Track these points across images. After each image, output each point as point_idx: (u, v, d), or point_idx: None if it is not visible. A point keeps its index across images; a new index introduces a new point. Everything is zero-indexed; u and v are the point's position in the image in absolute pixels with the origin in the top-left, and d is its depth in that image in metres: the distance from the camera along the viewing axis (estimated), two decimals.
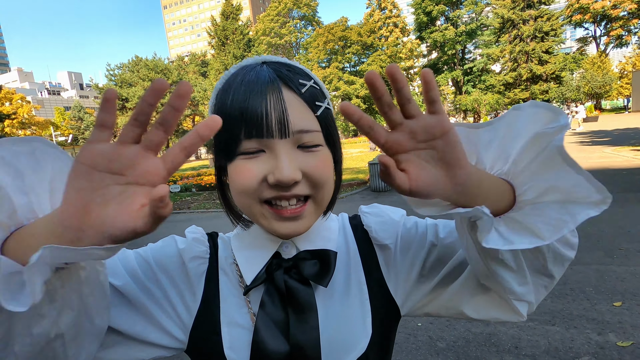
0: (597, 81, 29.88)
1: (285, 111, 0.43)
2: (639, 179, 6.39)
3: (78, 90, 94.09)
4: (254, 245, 0.53)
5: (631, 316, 2.48)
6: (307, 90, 0.46)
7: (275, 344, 0.48)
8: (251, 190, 0.45)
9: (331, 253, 0.51)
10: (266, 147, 0.44)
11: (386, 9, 43.76)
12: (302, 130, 0.44)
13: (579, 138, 14.23)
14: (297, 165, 0.44)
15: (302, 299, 0.50)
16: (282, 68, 0.47)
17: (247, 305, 0.52)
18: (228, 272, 0.55)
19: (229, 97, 0.45)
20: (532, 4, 28.35)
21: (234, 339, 0.51)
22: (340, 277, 0.55)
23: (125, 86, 33.10)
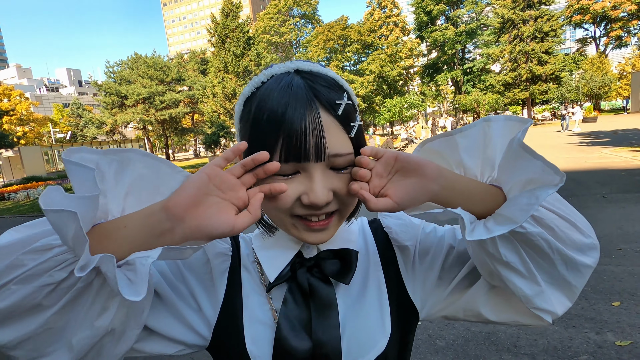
0: (596, 82, 29.91)
1: (322, 137, 0.44)
2: (637, 180, 6.41)
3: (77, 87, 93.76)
4: (276, 245, 0.55)
5: (629, 316, 2.49)
6: (343, 110, 0.46)
7: (297, 341, 0.49)
8: (285, 208, 0.46)
9: (352, 252, 0.53)
10: (301, 168, 0.45)
11: (386, 8, 43.72)
12: (337, 155, 0.45)
13: (578, 139, 14.26)
14: (329, 186, 0.46)
15: (323, 297, 0.51)
16: (317, 82, 0.46)
17: (269, 303, 0.53)
18: (250, 270, 0.56)
19: (264, 115, 0.45)
20: (533, 4, 28.32)
21: (256, 335, 0.52)
22: (360, 277, 0.56)
23: (124, 83, 32.98)
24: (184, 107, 33.60)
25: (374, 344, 0.52)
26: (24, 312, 0.37)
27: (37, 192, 13.76)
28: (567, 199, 0.45)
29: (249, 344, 0.51)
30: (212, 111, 23.94)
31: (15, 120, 39.68)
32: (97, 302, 0.38)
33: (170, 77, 33.72)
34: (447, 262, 0.56)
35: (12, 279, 0.35)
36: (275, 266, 0.53)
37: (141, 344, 0.50)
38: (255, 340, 0.52)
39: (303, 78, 0.46)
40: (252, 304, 0.54)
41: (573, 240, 0.45)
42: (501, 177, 0.48)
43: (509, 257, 0.44)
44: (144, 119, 32.22)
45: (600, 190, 5.96)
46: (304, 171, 0.45)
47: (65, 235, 0.35)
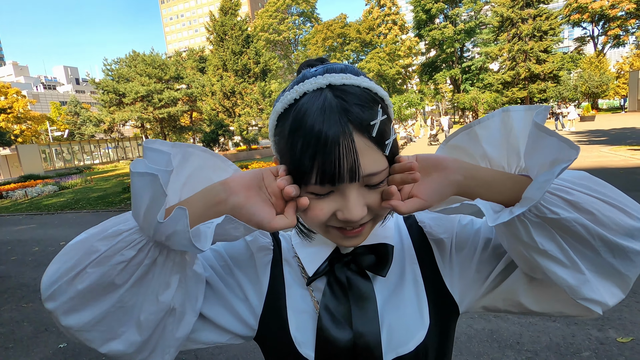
0: (594, 81, 30.00)
1: (356, 161, 0.44)
2: (636, 178, 6.45)
3: (74, 85, 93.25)
4: (314, 243, 0.57)
5: (630, 313, 2.51)
6: (377, 129, 0.45)
7: (338, 331, 0.51)
8: (320, 223, 0.48)
9: (388, 246, 0.55)
10: (336, 188, 0.46)
11: (385, 6, 43.66)
12: (371, 174, 0.45)
13: (577, 137, 14.30)
14: (364, 202, 0.47)
15: (361, 290, 0.53)
16: (350, 101, 0.45)
17: (311, 294, 0.56)
18: (291, 263, 0.59)
19: (299, 139, 0.44)
20: (531, 3, 28.35)
21: (299, 322, 0.55)
22: (396, 270, 0.58)
23: (122, 81, 32.82)
24: (182, 106, 33.49)
25: (413, 334, 0.53)
26: (100, 292, 0.42)
27: (35, 190, 13.71)
28: None
29: (293, 331, 0.54)
30: (211, 109, 23.85)
31: (12, 118, 39.44)
32: (161, 278, 0.44)
33: (169, 75, 33.57)
34: (484, 254, 0.56)
35: (88, 264, 0.41)
36: (314, 261, 0.56)
37: (197, 334, 0.55)
38: (299, 328, 0.54)
39: (336, 97, 0.45)
40: (294, 294, 0.57)
41: (620, 224, 0.42)
42: (528, 164, 0.48)
43: (546, 245, 0.43)
44: (142, 117, 32.09)
45: None
46: (339, 191, 0.46)
47: (142, 198, 0.40)
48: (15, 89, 40.68)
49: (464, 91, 37.96)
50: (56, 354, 2.79)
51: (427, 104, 49.98)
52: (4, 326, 3.33)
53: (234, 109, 23.42)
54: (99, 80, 32.25)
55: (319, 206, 0.47)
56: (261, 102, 23.14)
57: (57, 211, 9.77)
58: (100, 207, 9.70)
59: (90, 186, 15.09)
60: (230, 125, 23.80)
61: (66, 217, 8.81)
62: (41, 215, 9.58)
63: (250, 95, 22.85)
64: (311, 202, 0.47)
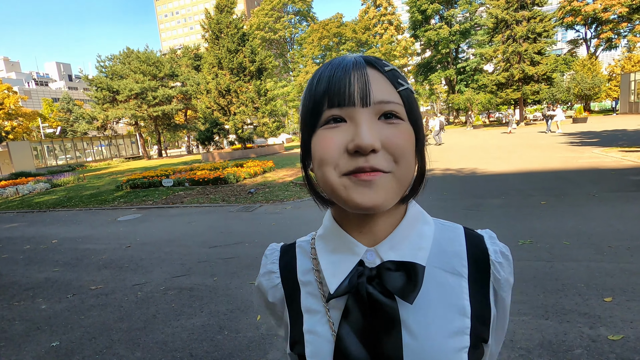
0: (586, 83, 30.32)
1: (368, 83, 0.45)
2: (627, 179, 6.54)
3: (67, 81, 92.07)
4: (337, 250, 0.52)
5: (621, 311, 2.55)
6: (390, 70, 0.47)
7: (356, 355, 0.47)
8: (331, 159, 0.44)
9: (418, 267, 0.47)
10: (348, 116, 0.45)
11: (381, 7, 43.74)
12: (383, 101, 0.45)
13: (569, 139, 14.47)
14: (377, 135, 0.44)
15: (385, 311, 0.47)
16: (368, 56, 0.49)
17: (327, 314, 0.51)
18: (306, 283, 0.56)
19: (315, 81, 0.48)
20: (526, 5, 28.52)
21: (315, 347, 0.51)
22: (437, 294, 0.50)
23: (116, 78, 32.47)
24: (177, 104, 33.24)
25: None
26: None
27: (27, 187, 13.53)
28: (559, 197, 0.46)
29: (309, 357, 0.51)
30: (206, 107, 23.68)
31: (3, 114, 38.85)
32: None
33: (163, 73, 33.30)
34: None
35: None
36: (336, 274, 0.50)
37: None
38: (314, 354, 0.51)
39: (356, 55, 0.49)
40: (310, 317, 0.53)
41: None
42: None
43: None
44: (136, 114, 31.79)
45: (592, 189, 6.06)
46: (351, 119, 0.45)
47: None
48: (7, 85, 40.05)
49: (459, 92, 38.17)
50: (49, 352, 2.76)
51: (422, 104, 50.17)
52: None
53: (229, 108, 23.29)
54: (92, 77, 31.88)
55: (330, 135, 0.45)
56: (256, 100, 23.04)
57: (49, 209, 9.65)
58: (93, 204, 9.61)
59: (83, 184, 14.93)
60: (226, 123, 23.66)
61: (58, 215, 8.71)
62: (32, 213, 9.46)
63: (245, 94, 22.74)
64: (323, 133, 0.46)
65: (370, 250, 0.50)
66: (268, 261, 0.60)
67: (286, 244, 0.62)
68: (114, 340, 2.83)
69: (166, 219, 7.09)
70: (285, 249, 0.61)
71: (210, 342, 2.69)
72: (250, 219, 6.50)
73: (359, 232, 0.50)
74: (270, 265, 0.60)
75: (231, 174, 11.05)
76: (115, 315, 3.26)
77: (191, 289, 3.67)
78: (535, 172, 8.20)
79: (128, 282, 4.00)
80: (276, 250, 0.61)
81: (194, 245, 5.16)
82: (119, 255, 5.04)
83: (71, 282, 4.16)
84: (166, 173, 12.84)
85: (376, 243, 0.50)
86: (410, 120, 0.47)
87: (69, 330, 3.06)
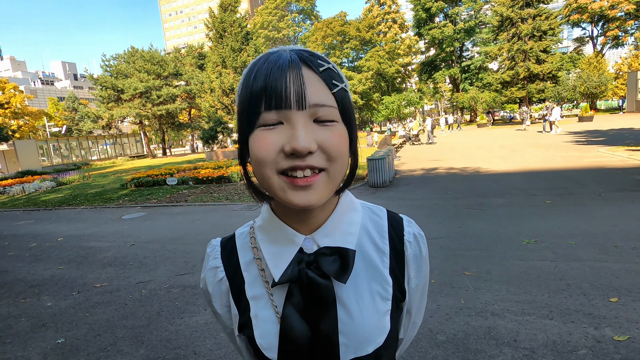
0: (592, 81, 30.02)
1: (303, 85, 0.46)
2: (633, 179, 6.47)
3: (72, 80, 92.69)
4: (278, 241, 0.56)
5: (627, 311, 2.53)
6: (325, 70, 0.49)
7: (299, 331, 0.53)
8: (269, 159, 0.47)
9: (350, 252, 0.54)
10: (284, 118, 0.46)
11: (385, 5, 43.54)
12: (318, 104, 0.47)
13: (575, 137, 14.34)
14: (313, 137, 0.46)
15: (322, 292, 0.53)
16: (303, 52, 0.50)
17: (270, 299, 0.56)
18: (250, 272, 0.60)
19: (252, 77, 0.49)
20: (531, 3, 28.29)
21: (263, 329, 0.56)
22: (363, 272, 0.57)
23: (120, 77, 32.65)
24: (181, 102, 33.35)
25: (373, 338, 0.55)
26: None
27: (33, 186, 13.65)
28: (564, 197, 0.47)
29: (258, 338, 0.56)
30: (210, 106, 23.76)
31: (9, 113, 39.20)
32: None
33: (167, 72, 33.41)
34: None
35: None
36: (279, 264, 0.55)
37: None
38: (263, 335, 0.56)
39: (292, 51, 0.50)
40: (256, 303, 0.58)
41: None
42: None
43: None
44: (141, 113, 31.95)
45: (597, 188, 6.01)
46: (287, 121, 0.46)
47: None
48: (13, 84, 40.41)
49: (463, 90, 37.94)
50: (54, 349, 2.79)
51: (426, 102, 49.95)
52: (1, 321, 3.32)
53: (232, 106, 23.37)
54: (97, 76, 32.05)
55: (267, 136, 0.47)
56: None
57: (55, 207, 9.74)
58: (97, 203, 9.67)
59: (88, 182, 15.04)
60: (229, 122, 23.74)
61: (63, 213, 8.78)
62: (38, 211, 9.55)
63: None
64: (260, 134, 0.47)
65: (308, 238, 0.55)
66: (210, 257, 0.64)
67: (225, 238, 0.66)
68: (118, 337, 2.85)
69: (170, 217, 7.13)
70: (224, 242, 0.65)
71: (213, 339, 2.70)
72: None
73: (298, 221, 0.55)
74: (212, 261, 0.63)
75: (235, 173, 11.07)
76: (119, 312, 3.29)
77: (195, 286, 3.68)
78: (540, 171, 8.14)
79: (132, 280, 4.03)
80: (217, 246, 0.65)
81: (198, 244, 5.18)
82: (124, 253, 5.08)
83: (76, 280, 4.20)
84: (170, 172, 12.89)
85: (313, 231, 0.55)
86: (344, 121, 0.50)
87: (74, 327, 3.09)
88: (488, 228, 4.56)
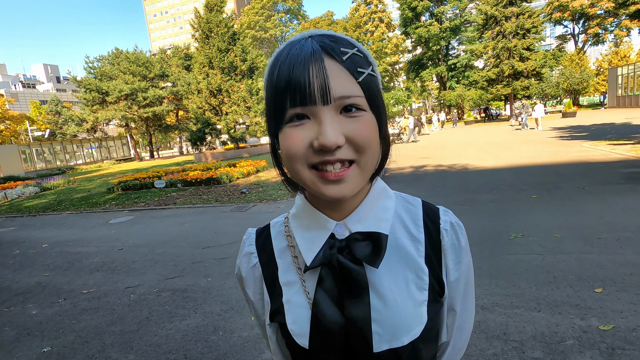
0: (575, 78, 30.72)
1: (326, 78, 0.45)
2: (615, 172, 6.64)
3: (55, 83, 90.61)
4: (311, 227, 0.57)
5: (611, 301, 2.59)
6: (349, 58, 0.47)
7: (331, 317, 0.52)
8: (299, 155, 0.47)
9: (382, 236, 0.53)
10: (310, 114, 0.46)
11: (372, 4, 43.72)
12: (344, 96, 0.46)
13: (560, 133, 14.65)
14: (340, 130, 0.46)
15: (354, 277, 0.52)
16: (325, 39, 0.48)
17: (303, 285, 0.57)
18: (283, 259, 0.61)
19: (276, 71, 0.48)
20: (514, 1, 28.77)
21: (295, 314, 0.56)
22: (399, 261, 0.56)
23: (105, 79, 32.05)
24: (167, 104, 32.92)
25: (409, 329, 0.53)
26: None
27: (15, 192, 13.29)
28: (550, 191, 0.47)
29: (290, 324, 0.56)
30: (197, 107, 23.48)
31: None
32: None
33: (153, 73, 32.94)
34: None
35: None
36: (311, 249, 0.55)
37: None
38: (295, 321, 0.56)
39: (313, 39, 0.49)
40: (289, 290, 0.58)
41: None
42: None
43: None
44: (127, 116, 31.42)
45: (582, 182, 6.14)
46: (314, 117, 0.46)
47: None
48: None
49: (450, 88, 38.39)
50: (40, 357, 2.72)
51: (414, 101, 50.37)
52: None
53: (220, 107, 23.14)
54: (81, 78, 31.41)
55: (295, 133, 0.47)
56: (248, 100, 22.93)
57: (39, 213, 9.50)
58: (84, 207, 9.48)
59: (74, 187, 14.72)
60: (218, 123, 23.50)
61: (48, 219, 8.58)
62: (22, 217, 9.30)
63: (237, 93, 22.60)
64: (289, 131, 0.47)
65: (340, 224, 0.55)
66: (246, 244, 0.66)
67: (260, 227, 0.67)
68: (106, 344, 2.80)
69: (159, 221, 7.03)
70: (259, 231, 0.66)
71: (204, 343, 2.67)
72: (244, 218, 6.47)
73: (330, 208, 0.55)
74: (247, 247, 0.65)
75: (224, 174, 10.98)
76: (107, 318, 3.22)
77: (185, 290, 3.64)
78: (527, 166, 8.28)
79: (121, 285, 3.96)
80: (252, 233, 0.67)
81: (188, 246, 5.12)
82: (111, 258, 4.98)
83: (62, 287, 4.10)
84: (158, 174, 12.71)
85: (345, 217, 0.55)
86: (372, 108, 0.49)
87: (60, 335, 3.02)
88: (477, 223, 4.62)
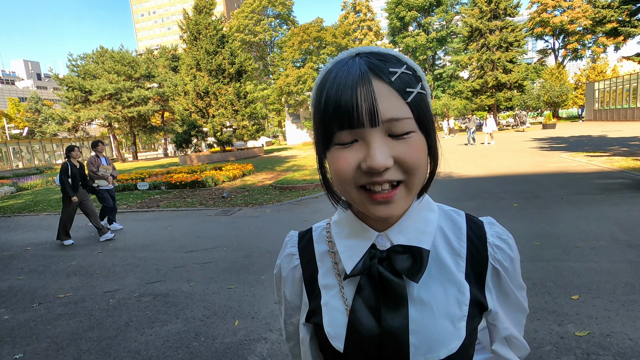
0: (555, 91, 31.78)
1: (374, 101, 0.45)
2: (592, 183, 6.88)
3: (35, 80, 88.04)
4: (352, 235, 0.57)
5: (587, 308, 2.67)
6: (398, 77, 0.47)
7: (368, 325, 0.53)
8: (348, 177, 0.48)
9: (423, 251, 0.53)
10: (359, 136, 0.46)
11: (361, 12, 44.32)
12: (392, 119, 0.45)
13: (540, 144, 15.09)
14: (389, 152, 0.46)
15: (394, 289, 0.52)
16: (373, 58, 0.48)
17: (341, 291, 0.57)
18: (324, 263, 0.62)
19: (324, 94, 0.48)
20: (498, 15, 29.68)
21: (332, 317, 0.57)
22: (439, 276, 0.55)
23: (88, 78, 31.33)
24: (153, 105, 32.38)
25: (447, 344, 0.53)
26: None
27: None
28: (530, 200, 0.47)
29: (326, 326, 0.57)
30: (183, 109, 23.18)
31: None
32: None
33: (139, 73, 32.41)
34: None
35: None
36: (352, 257, 0.56)
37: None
38: (331, 323, 0.57)
39: (361, 57, 0.48)
40: (326, 292, 0.59)
41: None
42: None
43: None
44: (110, 115, 30.75)
45: (560, 192, 6.34)
46: (362, 139, 0.46)
47: None
48: None
49: (436, 97, 39.11)
50: None
51: None
52: None
53: (207, 110, 22.91)
54: (63, 76, 30.62)
55: (344, 155, 0.47)
56: (236, 103, 22.79)
57: (14, 214, 9.16)
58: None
59: (52, 187, 14.26)
60: (204, 126, 23.24)
61: (24, 220, 8.28)
62: None
63: (224, 96, 22.44)
64: (337, 152, 0.48)
65: (382, 235, 0.55)
66: (288, 245, 0.67)
67: (302, 231, 0.69)
68: (83, 351, 2.71)
69: (141, 224, 6.87)
70: (302, 234, 0.68)
71: (185, 349, 2.62)
72: (228, 222, 6.40)
73: (373, 218, 0.55)
74: (289, 249, 0.67)
75: (209, 177, 10.85)
76: (84, 324, 3.12)
77: (166, 295, 3.56)
78: (508, 175, 8.50)
79: (99, 290, 3.85)
80: (294, 236, 0.68)
81: (170, 250, 5.02)
82: (90, 261, 4.84)
83: (37, 291, 3.96)
84: (141, 176, 12.46)
85: (387, 228, 0.55)
86: (421, 128, 0.49)
87: (33, 341, 2.90)
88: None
